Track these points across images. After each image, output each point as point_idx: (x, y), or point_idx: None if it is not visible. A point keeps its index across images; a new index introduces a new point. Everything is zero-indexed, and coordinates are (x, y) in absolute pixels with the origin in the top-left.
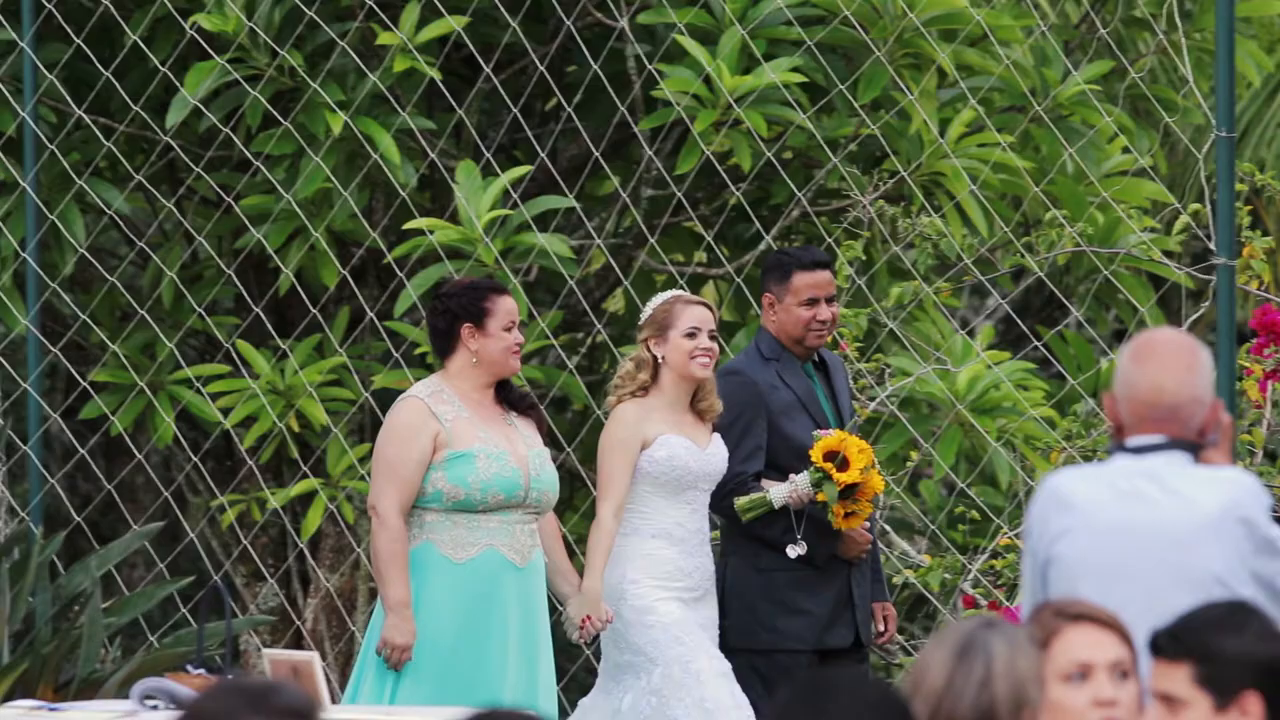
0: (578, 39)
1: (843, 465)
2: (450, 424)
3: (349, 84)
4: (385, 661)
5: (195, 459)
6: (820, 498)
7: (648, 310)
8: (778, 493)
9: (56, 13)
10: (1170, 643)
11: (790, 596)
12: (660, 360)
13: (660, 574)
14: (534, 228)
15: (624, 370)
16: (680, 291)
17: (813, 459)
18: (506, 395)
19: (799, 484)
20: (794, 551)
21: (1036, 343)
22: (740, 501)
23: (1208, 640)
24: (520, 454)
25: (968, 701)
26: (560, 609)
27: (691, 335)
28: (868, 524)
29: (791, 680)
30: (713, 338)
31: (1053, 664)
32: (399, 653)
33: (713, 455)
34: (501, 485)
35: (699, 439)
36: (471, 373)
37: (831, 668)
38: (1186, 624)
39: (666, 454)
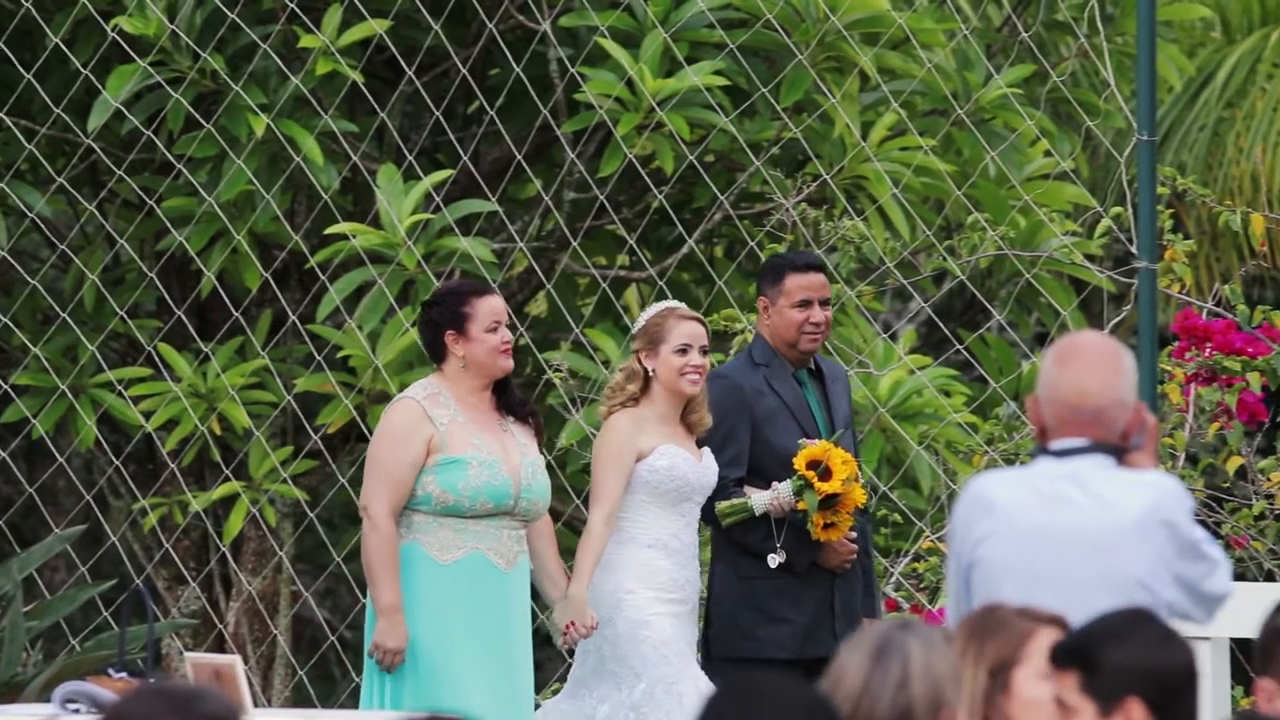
0: (500, 42)
1: (825, 475)
2: (445, 428)
3: (271, 86)
4: (378, 665)
5: (117, 462)
6: (801, 506)
7: (640, 321)
8: (759, 499)
9: None
10: (1062, 652)
11: (771, 605)
12: (651, 373)
13: (656, 584)
14: (456, 231)
15: (614, 381)
16: (675, 304)
17: (795, 467)
18: (506, 400)
19: (781, 491)
20: (774, 561)
21: (959, 346)
22: (721, 506)
23: (1093, 649)
24: (513, 462)
25: (885, 703)
26: (541, 614)
27: (683, 352)
28: (854, 534)
29: (722, 681)
30: (704, 353)
31: (1032, 662)
32: (390, 656)
33: (706, 469)
34: (491, 494)
35: (691, 452)
36: (464, 377)
37: (761, 671)
38: (1080, 633)
39: (668, 464)
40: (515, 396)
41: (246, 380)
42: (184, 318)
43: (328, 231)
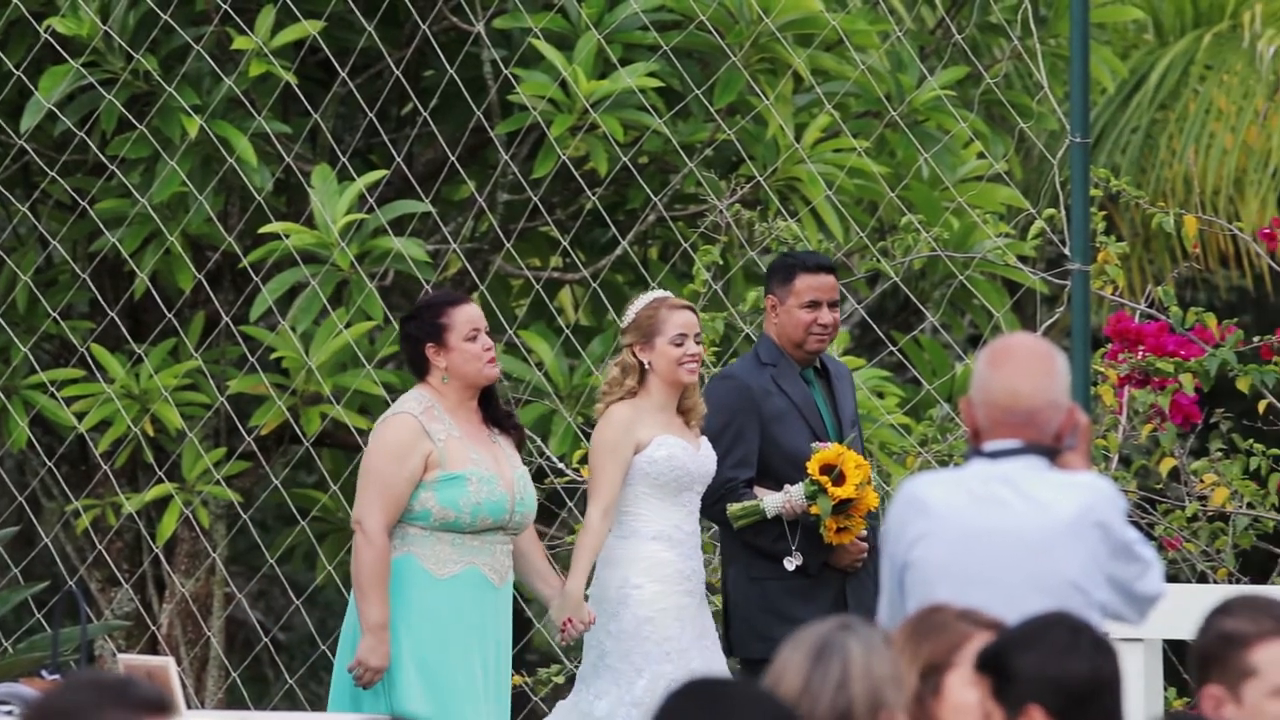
0: (433, 43)
1: (839, 480)
2: (443, 444)
3: (204, 88)
4: (356, 680)
5: (50, 463)
6: (814, 510)
7: (630, 315)
8: (771, 502)
9: None
10: (981, 657)
11: (785, 605)
12: (647, 366)
13: (662, 577)
14: (390, 232)
15: (611, 376)
16: (663, 294)
17: (809, 471)
18: (491, 412)
19: (793, 495)
20: (791, 564)
21: (892, 348)
22: (733, 508)
23: (1003, 656)
24: (507, 476)
25: (825, 704)
26: (531, 616)
27: (679, 342)
28: (865, 533)
29: (684, 682)
30: (698, 341)
31: (965, 668)
32: (371, 674)
33: (704, 457)
34: (490, 509)
35: (689, 441)
36: (449, 389)
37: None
38: (997, 639)
39: (666, 454)
40: (500, 408)
41: (179, 381)
42: (117, 319)
43: (261, 231)
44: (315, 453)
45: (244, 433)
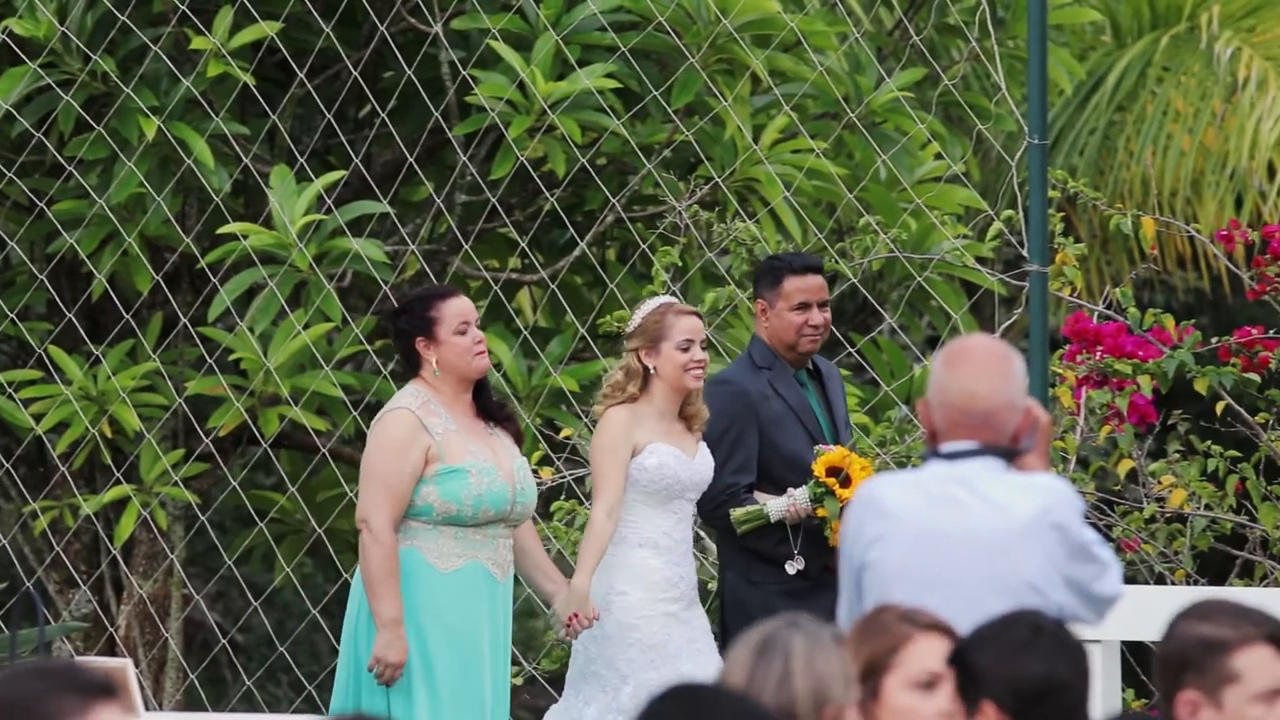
0: (391, 44)
1: (845, 482)
2: (441, 437)
3: (162, 89)
4: (376, 678)
5: (7, 465)
6: (820, 513)
7: (636, 319)
8: (775, 506)
9: None
10: (953, 653)
11: (783, 609)
12: (651, 371)
13: (648, 584)
14: (348, 233)
15: (613, 380)
16: (670, 300)
17: (815, 474)
18: (484, 405)
19: (798, 498)
20: (792, 568)
21: (850, 349)
22: (737, 513)
23: (965, 652)
24: (507, 467)
25: (767, 699)
26: (541, 611)
27: (685, 348)
28: None
29: (667, 687)
30: (704, 348)
31: (903, 670)
32: (391, 670)
33: (701, 465)
34: (492, 501)
35: (687, 448)
36: (440, 383)
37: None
38: (967, 636)
39: (656, 462)
40: (493, 402)
41: (137, 383)
42: (75, 320)
43: (219, 232)
44: (273, 454)
45: (202, 434)
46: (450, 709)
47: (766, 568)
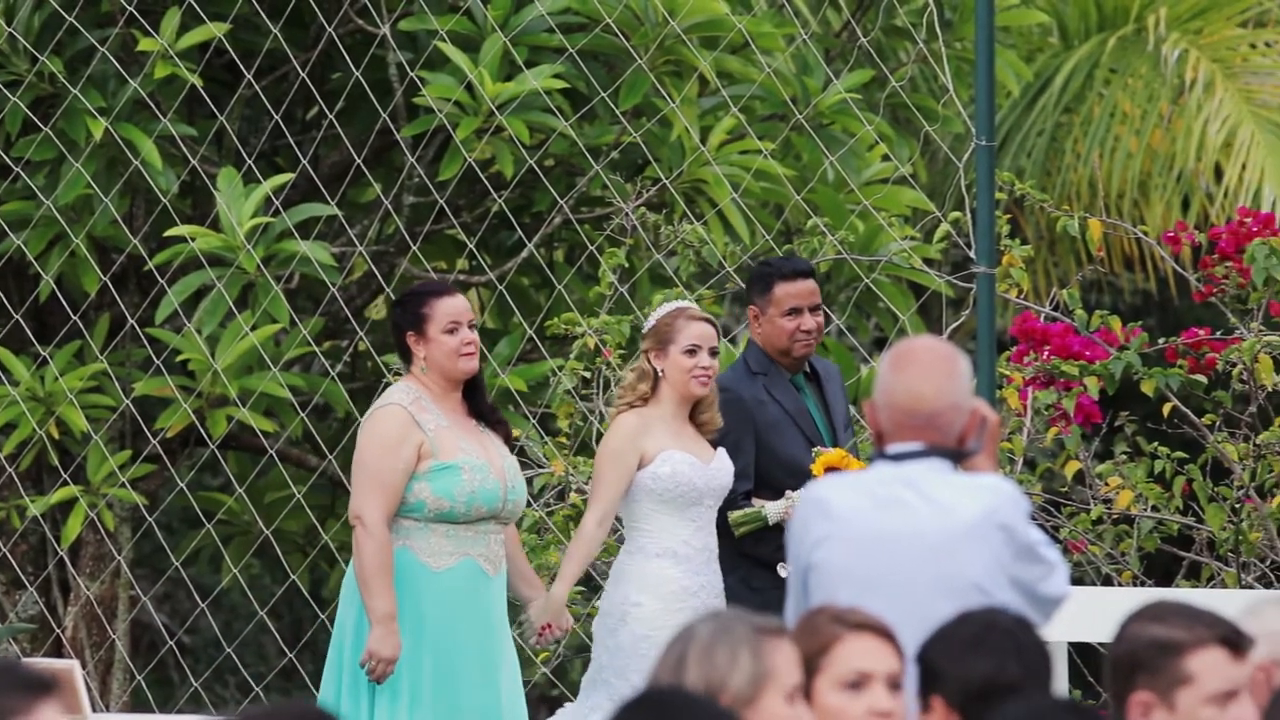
0: (339, 45)
1: None
2: (434, 433)
3: (110, 90)
4: (369, 674)
5: None
6: None
7: (651, 321)
8: (773, 509)
9: None
10: (918, 653)
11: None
12: (660, 374)
13: (665, 594)
14: (296, 235)
15: (626, 381)
16: (686, 304)
17: (814, 474)
18: (476, 405)
19: (796, 501)
20: (784, 570)
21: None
22: (734, 516)
23: (923, 649)
24: (498, 465)
25: (665, 681)
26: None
27: (692, 353)
28: None
29: (639, 692)
30: (714, 355)
31: (831, 670)
32: (384, 665)
33: (717, 470)
34: (484, 498)
35: (702, 454)
36: (428, 380)
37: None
38: (929, 635)
39: (670, 470)
40: (485, 402)
41: (85, 384)
42: (21, 321)
43: (167, 234)
44: (221, 455)
45: (149, 435)
46: (431, 713)
47: (766, 573)
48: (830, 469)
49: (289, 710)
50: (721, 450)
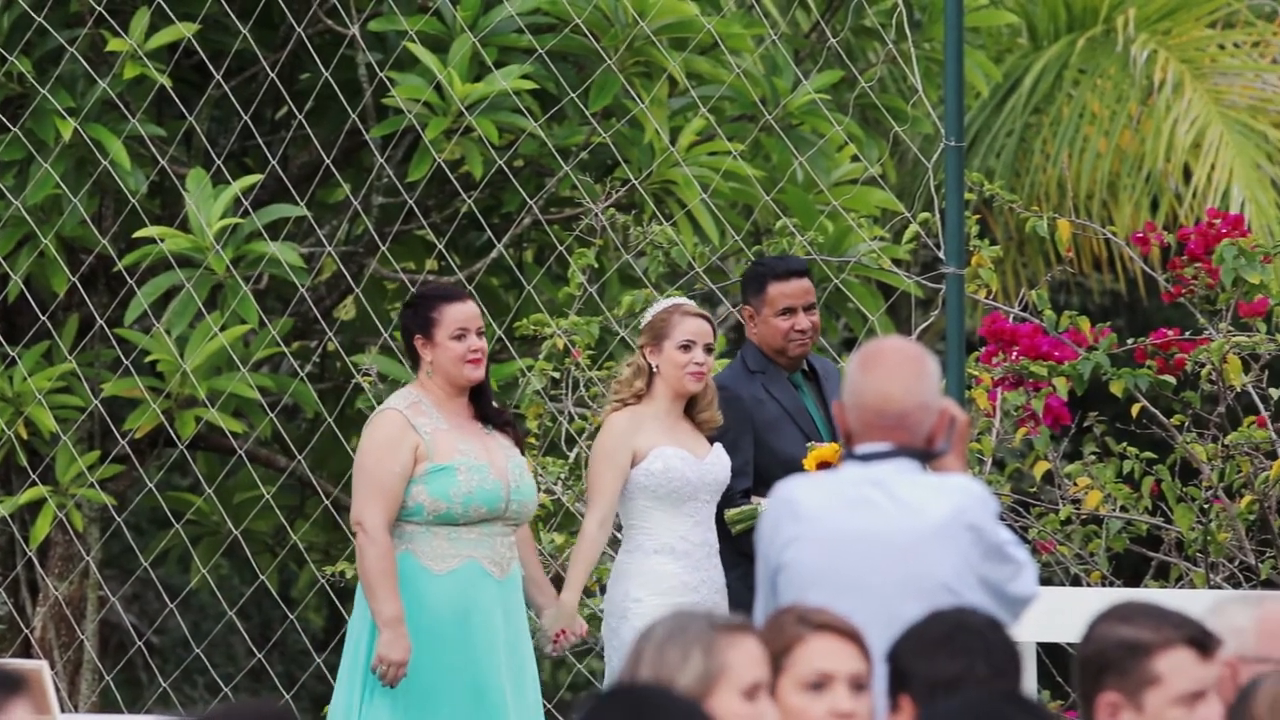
0: (308, 46)
1: None
2: (430, 436)
3: (79, 90)
4: (380, 678)
5: None
6: None
7: (647, 316)
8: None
9: None
10: (888, 652)
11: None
12: (655, 369)
13: (664, 590)
14: (265, 235)
15: (622, 376)
16: (681, 300)
17: (806, 468)
18: (483, 410)
19: None
20: None
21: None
22: (730, 514)
23: (891, 650)
24: (500, 465)
25: (624, 677)
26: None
27: (686, 348)
28: None
29: (613, 688)
30: (708, 351)
31: (793, 671)
32: (395, 669)
33: (712, 465)
34: (483, 498)
35: (697, 449)
36: (433, 384)
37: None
38: (900, 635)
39: (662, 466)
40: (491, 407)
41: (53, 384)
42: None
43: (136, 235)
44: (190, 456)
45: (118, 436)
46: (442, 715)
47: None
48: (823, 464)
49: (250, 709)
50: (719, 446)
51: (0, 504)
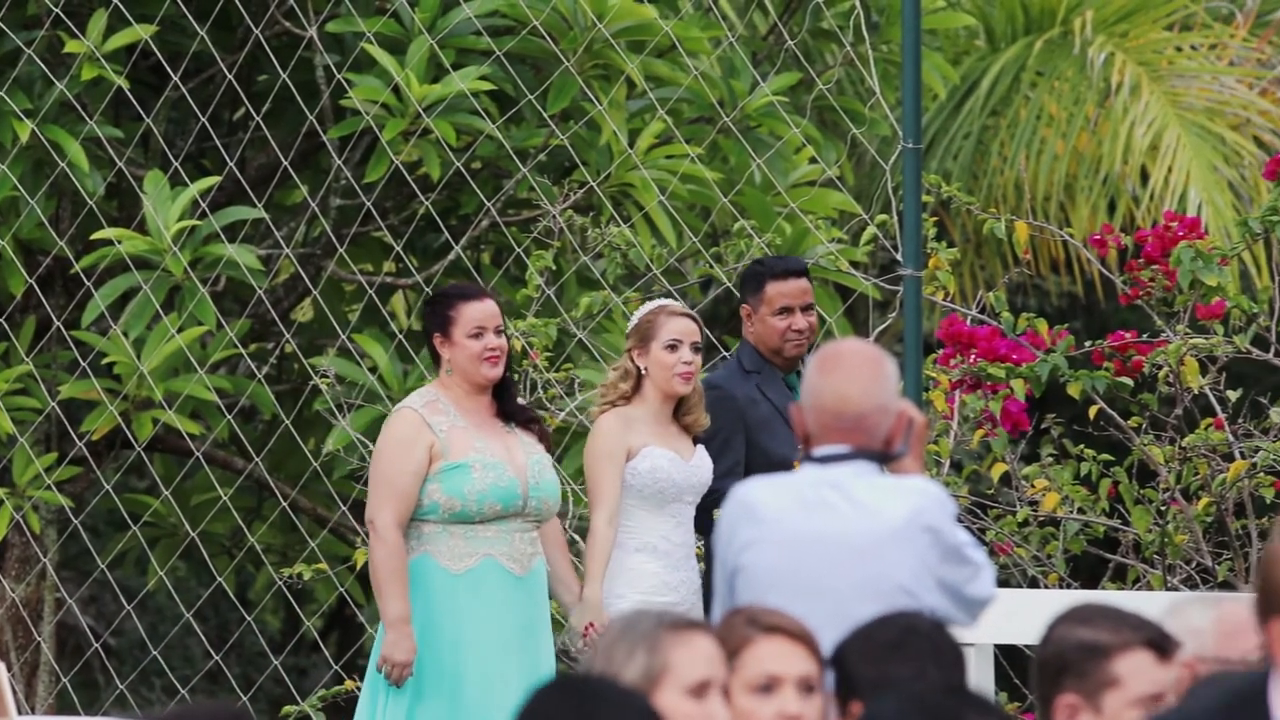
0: (266, 47)
1: None
2: (445, 434)
3: (36, 92)
4: (386, 678)
5: None
6: None
7: (633, 320)
8: None
9: None
10: (832, 656)
11: None
12: (643, 371)
13: (645, 589)
14: (223, 237)
15: (608, 379)
16: (667, 301)
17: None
18: (507, 408)
19: None
20: None
21: (724, 353)
22: (720, 514)
23: (839, 652)
24: (519, 462)
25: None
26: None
27: (673, 348)
28: None
29: (555, 679)
30: (696, 350)
31: (742, 673)
32: (399, 669)
33: (697, 467)
34: (498, 495)
35: (683, 451)
36: (452, 382)
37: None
38: (844, 638)
39: (649, 466)
40: (514, 404)
41: (10, 386)
42: None
43: (93, 237)
44: (147, 458)
45: (75, 438)
46: (464, 714)
47: None
48: None
49: (207, 710)
50: (701, 448)
51: None
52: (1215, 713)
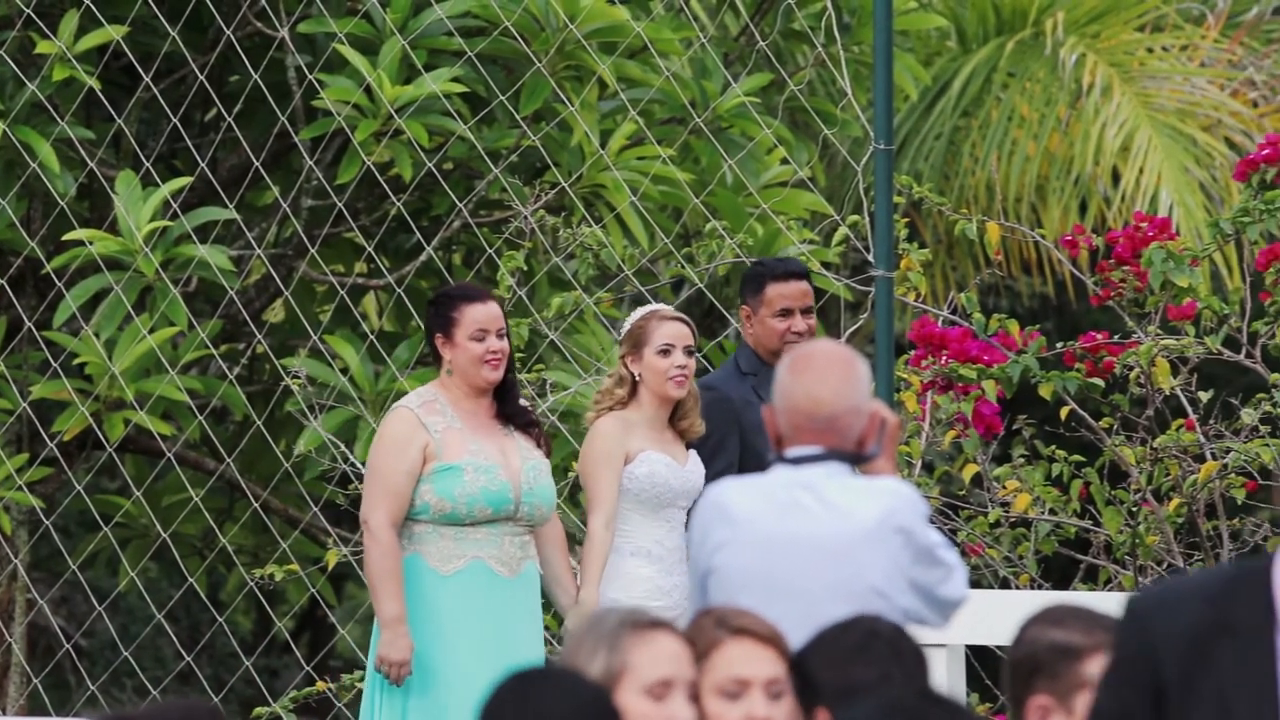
0: (238, 48)
1: None
2: (440, 435)
3: (7, 92)
4: (385, 678)
5: None
6: None
7: (625, 326)
8: None
9: None
10: (792, 660)
11: None
12: (637, 378)
13: (639, 594)
14: (194, 238)
15: (604, 386)
16: (659, 306)
17: None
18: (506, 410)
19: None
20: None
21: (696, 354)
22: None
23: (801, 658)
24: (513, 467)
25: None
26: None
27: (665, 352)
28: None
29: (505, 674)
30: (689, 354)
31: (710, 676)
32: (397, 668)
33: (691, 473)
34: (489, 499)
35: (678, 456)
36: (452, 383)
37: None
38: (805, 643)
39: (647, 470)
40: (515, 407)
41: None
42: None
43: (65, 238)
44: (118, 458)
45: (46, 438)
46: (450, 716)
47: None
48: None
49: (178, 710)
50: (694, 453)
51: None
52: (1218, 580)
